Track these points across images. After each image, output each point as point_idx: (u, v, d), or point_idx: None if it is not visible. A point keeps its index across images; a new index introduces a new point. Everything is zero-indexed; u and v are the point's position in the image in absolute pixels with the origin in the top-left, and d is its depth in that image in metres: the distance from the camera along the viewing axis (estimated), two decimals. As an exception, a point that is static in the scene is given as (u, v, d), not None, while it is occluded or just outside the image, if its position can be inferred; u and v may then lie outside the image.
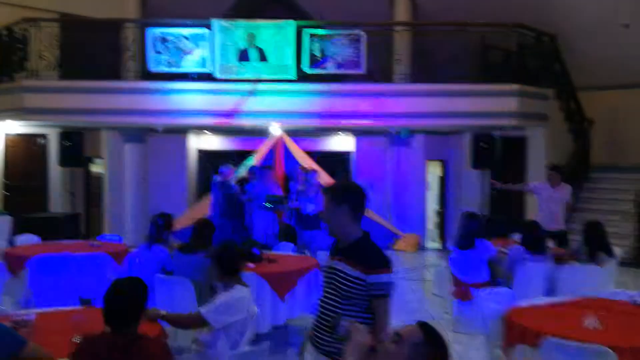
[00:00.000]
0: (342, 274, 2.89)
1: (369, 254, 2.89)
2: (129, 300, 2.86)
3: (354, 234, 2.94)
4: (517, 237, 6.66)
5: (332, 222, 2.96)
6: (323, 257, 4.09)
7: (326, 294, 2.98)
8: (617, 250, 6.41)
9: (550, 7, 11.41)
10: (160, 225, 5.57)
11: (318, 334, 2.97)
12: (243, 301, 3.65)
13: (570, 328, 3.53)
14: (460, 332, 6.14)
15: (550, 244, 7.08)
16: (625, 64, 11.38)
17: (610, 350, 3.15)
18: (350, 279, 2.85)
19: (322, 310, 2.98)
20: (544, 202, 8.01)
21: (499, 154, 11.48)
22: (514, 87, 10.74)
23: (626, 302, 4.16)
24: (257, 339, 4.41)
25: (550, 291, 5.73)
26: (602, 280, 5.63)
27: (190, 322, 3.65)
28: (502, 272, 6.10)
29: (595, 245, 5.91)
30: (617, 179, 11.31)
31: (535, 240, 5.95)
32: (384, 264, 2.87)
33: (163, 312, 3.67)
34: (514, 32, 11.07)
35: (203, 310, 3.60)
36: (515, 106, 10.68)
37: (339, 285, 2.89)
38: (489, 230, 7.75)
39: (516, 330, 3.70)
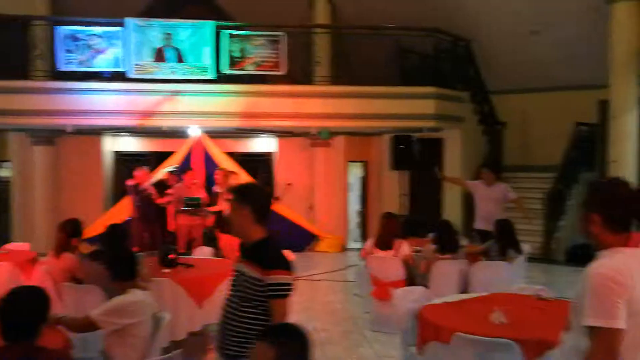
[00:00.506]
0: (244, 276, 2.88)
1: (268, 255, 2.88)
2: (26, 311, 2.71)
3: (257, 235, 2.93)
4: (433, 236, 6.81)
5: (236, 223, 2.95)
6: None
7: (230, 297, 2.96)
8: (527, 247, 6.70)
9: (464, 13, 11.78)
10: (69, 232, 5.33)
11: (221, 337, 2.93)
12: (139, 305, 3.56)
13: (478, 323, 3.64)
14: (380, 331, 6.24)
15: (465, 242, 7.32)
16: (535, 68, 11.93)
17: (513, 343, 3.26)
18: (250, 280, 2.84)
19: (226, 313, 2.95)
20: (480, 201, 7.86)
21: (417, 155, 11.74)
22: (431, 89, 11.01)
23: (531, 296, 4.33)
24: (172, 346, 4.31)
25: (464, 288, 5.92)
26: (511, 276, 5.87)
27: (82, 325, 3.53)
28: (418, 271, 6.25)
29: (506, 242, 6.15)
30: (527, 179, 11.81)
31: (447, 239, 6.14)
32: (283, 266, 2.87)
33: (59, 315, 3.55)
34: (430, 36, 11.36)
35: (93, 312, 3.51)
36: (433, 108, 10.96)
37: (241, 287, 2.88)
38: (408, 230, 7.90)
39: (429, 328, 3.78)
